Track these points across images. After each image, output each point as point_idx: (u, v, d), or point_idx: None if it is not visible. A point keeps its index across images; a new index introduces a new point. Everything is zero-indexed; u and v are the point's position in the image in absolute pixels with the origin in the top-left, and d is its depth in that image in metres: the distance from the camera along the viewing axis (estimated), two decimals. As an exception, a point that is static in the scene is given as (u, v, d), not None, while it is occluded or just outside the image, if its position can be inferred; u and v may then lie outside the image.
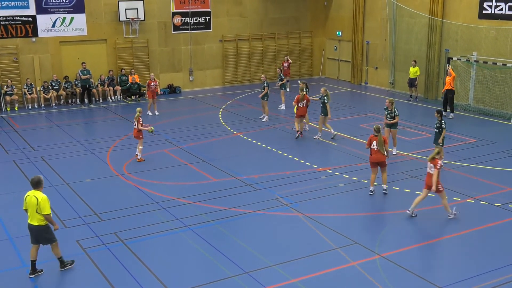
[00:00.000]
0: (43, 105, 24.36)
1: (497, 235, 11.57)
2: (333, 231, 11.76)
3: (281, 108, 23.16)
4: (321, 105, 18.29)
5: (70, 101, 25.04)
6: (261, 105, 21.50)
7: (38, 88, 24.45)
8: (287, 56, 27.59)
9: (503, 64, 21.09)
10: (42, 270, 10.18)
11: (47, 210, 9.74)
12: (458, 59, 22.89)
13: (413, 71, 24.45)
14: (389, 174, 15.18)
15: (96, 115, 23.41)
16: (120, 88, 25.72)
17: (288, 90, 23.87)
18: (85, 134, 20.19)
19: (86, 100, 24.88)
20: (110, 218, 12.47)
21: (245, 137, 19.13)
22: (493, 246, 11.08)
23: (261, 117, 21.40)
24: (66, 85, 24.84)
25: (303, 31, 30.73)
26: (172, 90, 27.50)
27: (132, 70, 25.95)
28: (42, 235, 9.91)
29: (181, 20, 27.38)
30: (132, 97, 25.50)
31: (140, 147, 16.60)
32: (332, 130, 18.40)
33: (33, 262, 10.05)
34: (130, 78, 25.59)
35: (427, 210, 12.79)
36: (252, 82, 29.65)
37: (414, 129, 19.77)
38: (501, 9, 21.92)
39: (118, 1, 25.48)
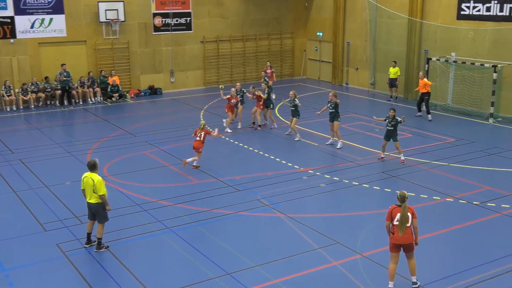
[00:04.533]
0: (21, 107, 24.06)
1: (476, 234, 11.72)
2: (314, 231, 11.80)
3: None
4: (293, 108, 18.30)
5: (49, 103, 24.77)
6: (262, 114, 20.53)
7: (16, 90, 24.14)
8: (268, 62, 27.43)
9: (481, 65, 21.37)
10: (95, 241, 11.04)
11: (103, 191, 10.75)
12: (437, 59, 23.15)
13: (394, 72, 24.66)
14: (370, 174, 15.33)
15: (76, 117, 23.20)
16: (100, 89, 25.53)
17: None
18: (65, 136, 20.00)
19: (66, 101, 24.64)
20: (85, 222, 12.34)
21: (227, 138, 19.11)
22: (472, 244, 11.22)
23: (272, 126, 20.28)
24: (45, 86, 24.56)
25: (284, 32, 30.81)
26: (153, 91, 27.35)
27: (113, 71, 25.77)
28: (99, 212, 10.90)
29: (162, 21, 27.26)
30: (113, 98, 25.31)
31: (197, 158, 16.08)
32: (298, 134, 18.56)
33: (89, 235, 11.17)
34: (110, 80, 25.42)
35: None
36: (234, 83, 29.57)
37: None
38: (479, 10, 22.21)
39: (98, 2, 25.29)
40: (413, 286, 9.47)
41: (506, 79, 21.28)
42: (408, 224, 9.19)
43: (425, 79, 21.41)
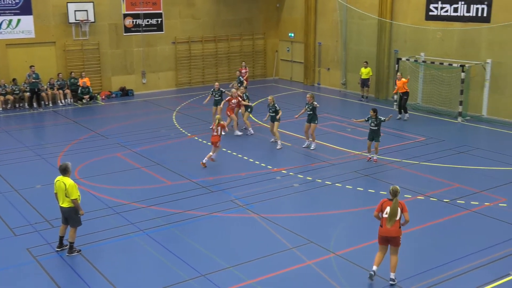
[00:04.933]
0: (-11, 109, 23.60)
1: (447, 231, 11.93)
2: (288, 231, 11.85)
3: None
4: (273, 114, 17.86)
5: (18, 106, 24.32)
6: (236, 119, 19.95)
7: (-17, 93, 23.66)
8: (244, 62, 27.44)
9: (449, 64, 21.76)
10: (67, 245, 10.94)
11: (75, 195, 10.62)
12: (406, 59, 23.49)
13: (366, 72, 24.90)
14: (342, 173, 15.47)
15: (46, 119, 22.82)
16: (70, 91, 25.18)
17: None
18: (35, 139, 19.67)
19: (35, 104, 24.23)
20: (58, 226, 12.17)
21: (200, 139, 19.06)
22: (443, 241, 11.42)
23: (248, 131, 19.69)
24: (14, 88, 24.10)
25: (256, 32, 30.87)
26: (125, 93, 27.10)
27: (83, 73, 25.45)
28: (71, 216, 10.78)
29: (133, 22, 27.04)
30: (83, 100, 24.98)
31: (212, 154, 16.16)
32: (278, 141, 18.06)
33: (61, 238, 11.08)
34: (80, 81, 25.09)
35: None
36: (206, 84, 29.56)
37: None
38: (447, 11, 22.63)
39: (67, 2, 24.93)
40: (390, 282, 9.67)
41: (474, 79, 21.72)
42: (397, 218, 9.45)
43: (403, 79, 21.40)
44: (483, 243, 11.24)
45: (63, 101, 25.01)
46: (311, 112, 17.42)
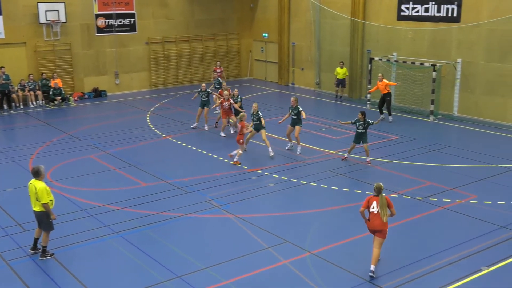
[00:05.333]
0: (-42, 112, 23.10)
1: (420, 228, 12.11)
2: (264, 231, 11.88)
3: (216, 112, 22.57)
4: (257, 122, 17.15)
5: (-13, 107, 23.89)
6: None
7: (-48, 94, 23.14)
8: (218, 61, 27.40)
9: (421, 64, 22.07)
10: (40, 249, 10.78)
11: (45, 199, 10.41)
12: (379, 59, 23.75)
13: (342, 72, 25.02)
14: (317, 172, 15.57)
15: (17, 121, 22.43)
16: (42, 92, 24.80)
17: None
18: (6, 141, 19.31)
19: (5, 106, 23.80)
20: (34, 228, 11.92)
21: (174, 140, 18.97)
22: (417, 238, 11.59)
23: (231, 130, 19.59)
24: (-17, 91, 23.67)
25: (230, 33, 30.85)
26: (98, 94, 26.81)
27: (55, 74, 25.09)
28: (43, 220, 10.63)
29: (105, 22, 26.76)
30: (55, 101, 24.63)
31: (240, 151, 16.23)
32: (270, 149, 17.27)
33: (36, 240, 10.90)
34: (52, 82, 24.74)
35: (353, 206, 13.19)
36: (180, 84, 29.45)
37: (340, 128, 20.31)
38: (418, 11, 22.96)
39: (38, 2, 24.56)
40: (370, 274, 9.93)
41: (445, 78, 22.08)
42: (380, 212, 9.95)
43: (385, 80, 21.21)
44: (455, 239, 11.44)
45: (34, 102, 24.62)
46: (295, 117, 17.12)
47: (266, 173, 15.51)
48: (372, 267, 9.93)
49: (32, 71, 25.16)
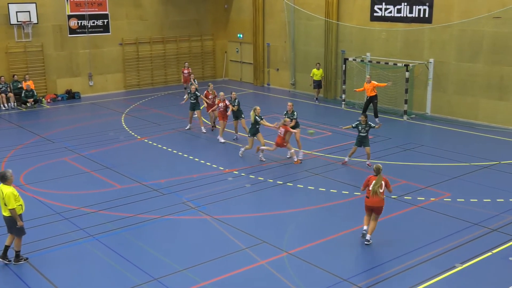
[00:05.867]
0: None
1: (395, 226, 12.25)
2: (241, 231, 11.89)
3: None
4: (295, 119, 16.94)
5: (-43, 110, 23.39)
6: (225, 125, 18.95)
7: None
8: (186, 62, 27.32)
9: (394, 64, 22.34)
10: (9, 260, 10.52)
11: (12, 205, 10.18)
12: (353, 59, 23.97)
13: (319, 73, 25.10)
14: (293, 172, 15.65)
15: (-12, 124, 22.04)
16: (13, 95, 24.39)
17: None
18: (-24, 144, 18.95)
19: (-24, 108, 23.38)
20: (5, 234, 11.77)
21: (150, 142, 18.85)
22: (392, 237, 11.71)
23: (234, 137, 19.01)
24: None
25: (204, 33, 30.79)
26: (71, 95, 26.48)
27: (26, 76, 24.70)
28: (12, 226, 10.40)
29: (78, 23, 26.45)
30: (28, 103, 24.24)
31: (291, 150, 16.20)
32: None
33: (6, 248, 10.61)
34: (24, 84, 24.35)
35: (329, 206, 13.29)
36: (155, 85, 29.28)
37: (316, 128, 20.42)
38: (390, 12, 23.23)
39: (8, 3, 24.14)
40: (365, 242, 11.22)
41: (418, 78, 22.39)
42: (381, 190, 11.04)
43: (374, 81, 21.08)
44: (430, 237, 11.61)
45: (6, 105, 24.19)
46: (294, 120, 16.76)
47: (242, 174, 15.52)
48: (368, 237, 11.20)
49: (3, 73, 24.71)
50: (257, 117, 16.60)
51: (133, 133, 19.97)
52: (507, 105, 20.26)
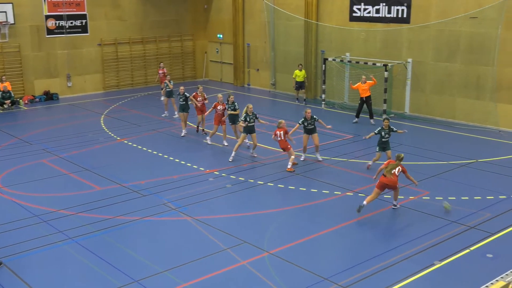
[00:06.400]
0: None
1: (375, 225, 12.36)
2: (222, 232, 11.88)
3: (164, 115, 22.56)
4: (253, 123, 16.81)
5: None
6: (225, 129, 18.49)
7: None
8: (162, 63, 27.13)
9: (373, 64, 22.51)
10: None
11: None
12: (333, 59, 24.10)
13: (301, 75, 25.09)
14: (274, 172, 15.69)
15: (-36, 126, 21.68)
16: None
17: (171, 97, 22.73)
18: (-48, 147, 18.65)
19: (-49, 110, 22.98)
20: (-16, 237, 11.64)
21: (130, 143, 18.72)
22: (371, 236, 11.81)
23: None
24: None
25: (184, 34, 30.68)
26: (49, 97, 26.18)
27: (3, 77, 24.35)
28: None
29: (56, 23, 26.16)
30: (5, 105, 23.88)
31: (292, 156, 15.74)
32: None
33: None
34: (1, 86, 23.99)
35: (309, 206, 13.35)
36: (135, 86, 29.09)
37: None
38: (369, 12, 23.41)
39: (-16, 3, 23.82)
40: (393, 207, 13.04)
41: (396, 77, 22.60)
42: (397, 173, 12.64)
43: (369, 81, 20.87)
44: (409, 235, 11.74)
45: (-18, 106, 23.85)
46: (313, 126, 16.53)
47: (223, 174, 15.51)
48: (395, 202, 13.06)
49: (-21, 74, 24.37)
50: (246, 115, 16.54)
51: (112, 134, 19.82)
52: (483, 104, 20.56)
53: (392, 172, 12.60)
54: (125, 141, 18.93)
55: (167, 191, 14.23)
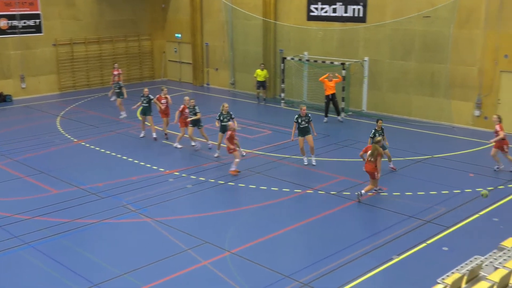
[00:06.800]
0: None
1: (335, 221, 12.52)
2: (183, 232, 11.81)
3: (122, 116, 22.22)
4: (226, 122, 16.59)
5: None
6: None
7: None
8: (116, 64, 26.62)
9: (331, 63, 22.77)
10: None
11: None
12: (291, 58, 24.26)
13: (262, 74, 25.09)
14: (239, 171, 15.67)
15: None
16: None
17: (125, 96, 22.34)
18: None
19: None
20: None
21: (87, 145, 18.39)
22: (331, 232, 11.95)
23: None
24: None
25: (141, 33, 30.32)
26: (2, 98, 25.44)
27: (-47, 78, 23.57)
28: None
29: (8, 23, 25.44)
30: (-45, 108, 23.14)
31: (237, 160, 15.28)
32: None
33: None
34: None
35: (270, 204, 13.41)
36: (92, 87, 28.57)
37: (255, 127, 20.56)
38: (326, 11, 23.68)
39: None
40: (357, 195, 13.48)
41: (354, 76, 22.93)
42: (372, 159, 13.30)
43: (335, 79, 20.92)
44: (368, 230, 11.95)
45: None
46: (307, 125, 16.20)
47: (183, 175, 15.41)
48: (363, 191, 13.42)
49: None
50: (220, 114, 16.57)
51: (69, 136, 19.42)
52: (437, 101, 21.08)
53: (369, 158, 13.31)
54: (83, 143, 18.58)
55: (126, 192, 14.04)
